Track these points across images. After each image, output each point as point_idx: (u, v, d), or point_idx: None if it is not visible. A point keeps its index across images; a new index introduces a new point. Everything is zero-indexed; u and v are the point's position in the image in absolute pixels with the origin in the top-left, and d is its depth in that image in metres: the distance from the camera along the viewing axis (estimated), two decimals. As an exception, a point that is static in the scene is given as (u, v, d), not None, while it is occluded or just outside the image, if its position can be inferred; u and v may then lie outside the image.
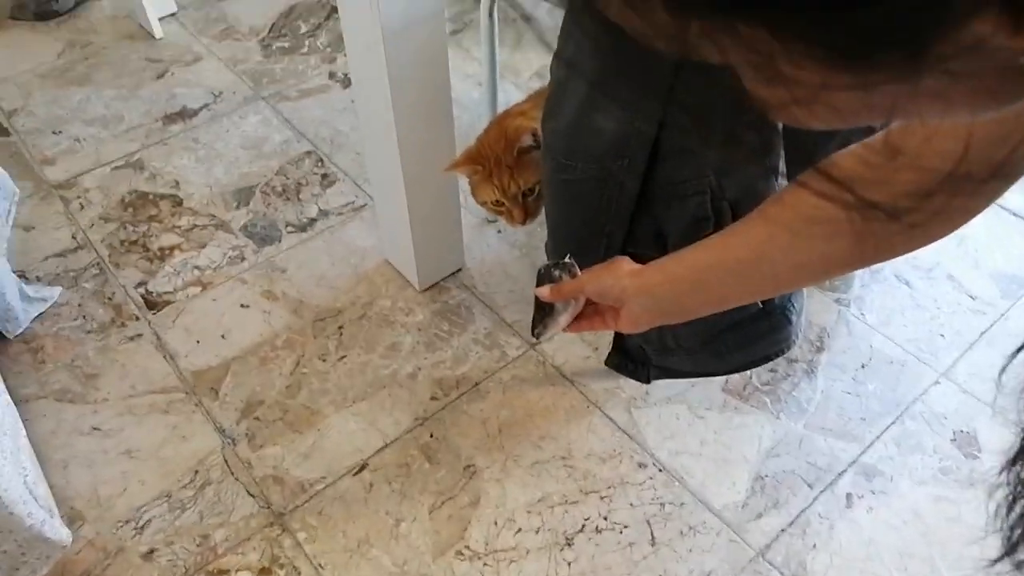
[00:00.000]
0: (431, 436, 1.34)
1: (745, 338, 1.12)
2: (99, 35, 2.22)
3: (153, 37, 2.20)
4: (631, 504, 1.25)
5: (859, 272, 1.58)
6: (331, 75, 2.07)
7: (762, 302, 1.09)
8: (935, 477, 1.29)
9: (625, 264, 0.92)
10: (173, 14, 2.27)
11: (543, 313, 1.02)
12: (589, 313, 1.02)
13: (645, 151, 1.04)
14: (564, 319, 1.01)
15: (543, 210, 1.28)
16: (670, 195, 1.06)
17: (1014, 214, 1.69)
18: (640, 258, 0.92)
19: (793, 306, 1.11)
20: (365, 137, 1.46)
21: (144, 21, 2.20)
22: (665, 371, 1.25)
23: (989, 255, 1.61)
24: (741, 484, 1.28)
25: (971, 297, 1.54)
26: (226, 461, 1.31)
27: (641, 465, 1.30)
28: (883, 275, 1.58)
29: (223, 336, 1.49)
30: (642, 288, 0.88)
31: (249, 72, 2.08)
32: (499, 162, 1.27)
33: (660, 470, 1.29)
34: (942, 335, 1.48)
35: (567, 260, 1.02)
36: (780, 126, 0.99)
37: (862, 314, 1.51)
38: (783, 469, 1.29)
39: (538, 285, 1.01)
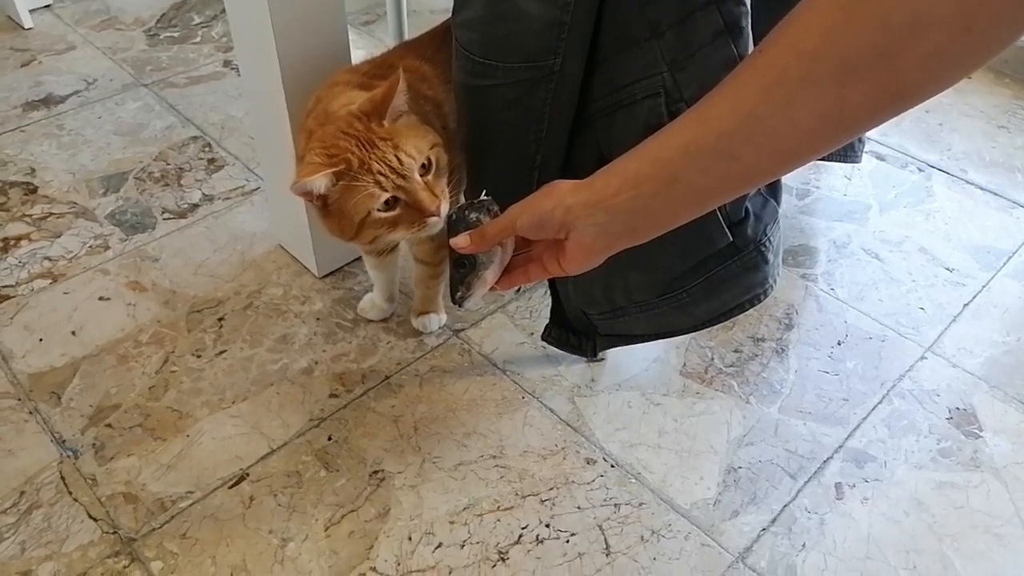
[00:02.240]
0: (329, 439, 1.08)
1: (712, 283, 0.91)
2: (-42, 26, 1.95)
3: (22, 28, 1.94)
4: (579, 507, 1.01)
5: (824, 247, 1.41)
6: (226, 63, 1.85)
7: (733, 235, 0.88)
8: (934, 460, 1.08)
9: (562, 183, 0.71)
10: (47, 6, 2.03)
11: (464, 270, 0.79)
12: (520, 262, 0.80)
13: (582, 45, 0.83)
14: (491, 274, 0.78)
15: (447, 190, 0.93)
16: (614, 104, 0.86)
17: (982, 188, 1.54)
18: None
19: (769, 241, 0.90)
20: (253, 114, 1.24)
21: (12, 12, 1.95)
22: (616, 338, 1.03)
23: (961, 228, 1.45)
24: (711, 478, 1.05)
25: (948, 270, 1.37)
26: (63, 478, 1.02)
27: (589, 461, 1.06)
28: (850, 249, 1.40)
29: (73, 333, 1.21)
30: (594, 202, 0.66)
31: (131, 60, 1.84)
32: (369, 143, 0.86)
33: (612, 466, 1.06)
34: (922, 308, 1.30)
35: (484, 198, 0.79)
36: (748, 0, 0.80)
37: (832, 289, 1.32)
38: (759, 459, 1.07)
39: (451, 235, 0.78)
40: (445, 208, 0.90)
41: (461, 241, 0.76)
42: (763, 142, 0.58)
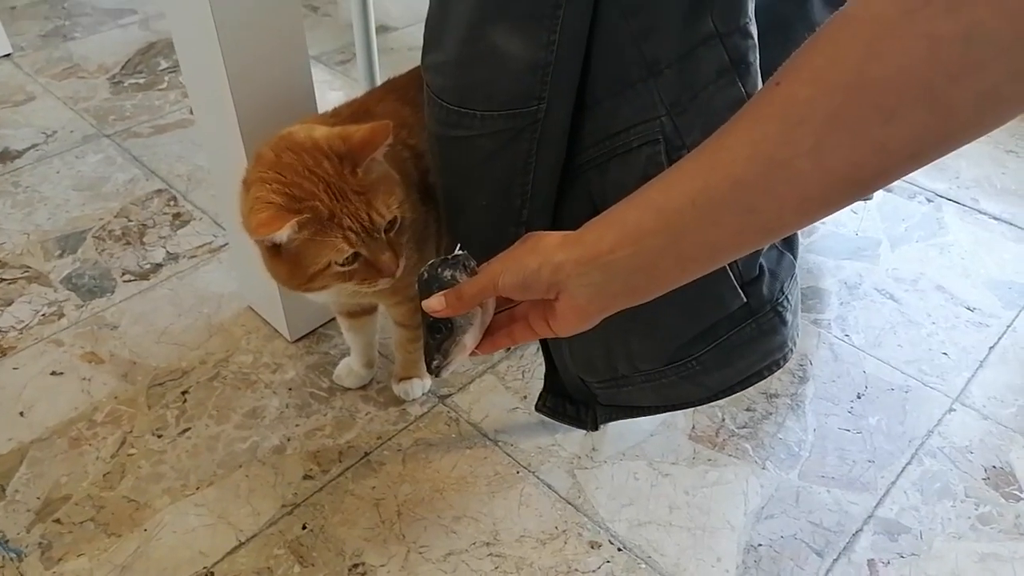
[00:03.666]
0: (304, 528, 0.97)
1: (725, 350, 0.81)
2: (-89, 79, 1.86)
3: (-21, 79, 1.85)
4: (584, 600, 0.90)
5: (834, 288, 1.31)
6: (193, 111, 1.75)
7: (746, 296, 0.78)
8: (974, 528, 0.98)
9: (548, 236, 0.61)
10: (7, 55, 1.94)
11: (440, 335, 0.68)
12: (504, 321, 0.70)
13: (569, 88, 0.74)
14: (471, 338, 0.68)
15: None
16: (607, 153, 0.77)
17: (995, 218, 1.46)
18: None
19: (787, 300, 0.81)
20: (214, 167, 1.15)
21: (-32, 63, 1.86)
22: (618, 410, 0.92)
23: (978, 262, 1.36)
24: (729, 559, 0.94)
25: (969, 309, 1.28)
26: (4, 586, 0.91)
27: (593, 544, 0.95)
28: (863, 290, 1.31)
29: (22, 414, 1.10)
30: (587, 260, 0.57)
31: (92, 109, 1.74)
32: (341, 194, 0.76)
33: (619, 549, 0.95)
34: (945, 353, 1.20)
35: (459, 252, 0.69)
36: (754, 31, 0.71)
37: (846, 335, 1.23)
38: (781, 534, 0.97)
39: (423, 295, 0.68)
40: (402, 266, 0.82)
41: (435, 303, 0.66)
42: (785, 192, 0.48)
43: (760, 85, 0.72)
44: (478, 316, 0.68)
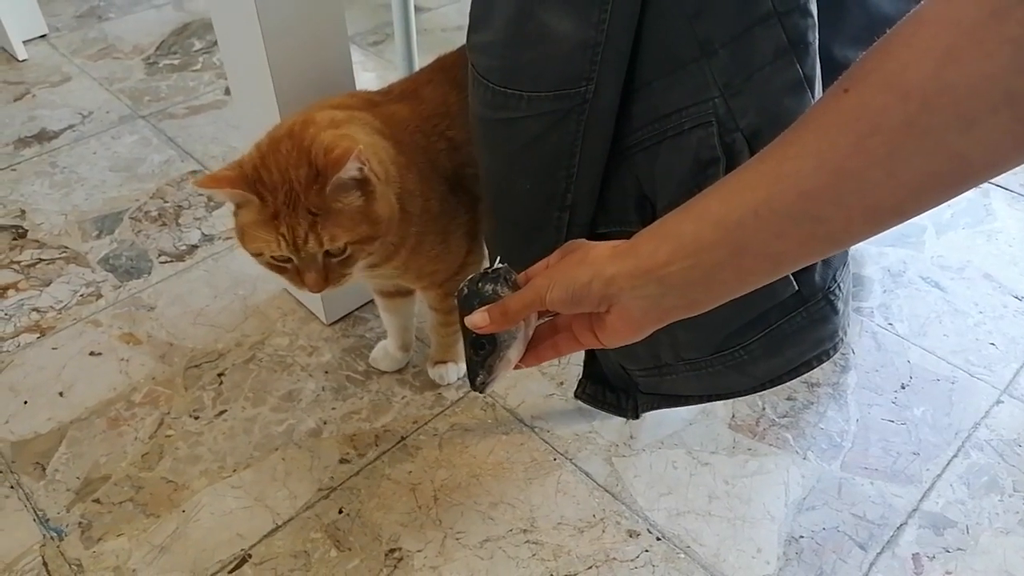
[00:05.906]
0: (340, 512, 0.97)
1: (774, 339, 0.79)
2: (-51, 59, 1.87)
3: (16, 59, 1.86)
4: (623, 589, 0.89)
5: (878, 276, 1.28)
6: (228, 91, 1.75)
7: (798, 284, 0.76)
8: (1023, 523, 0.96)
9: (598, 247, 0.59)
10: (43, 36, 1.94)
11: (483, 351, 0.66)
12: (546, 333, 0.68)
13: (619, 68, 0.72)
14: (515, 353, 0.66)
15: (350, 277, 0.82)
16: (657, 135, 0.75)
17: (1044, 204, 1.42)
18: (614, 238, 0.60)
19: (839, 288, 0.78)
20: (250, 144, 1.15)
21: (5, 43, 1.87)
22: (661, 398, 0.91)
23: (1026, 250, 1.33)
24: (769, 550, 0.93)
25: (1017, 298, 1.24)
26: (45, 564, 0.92)
27: (632, 533, 0.94)
28: (907, 278, 1.28)
29: (61, 394, 1.11)
30: (642, 272, 0.55)
31: (128, 90, 1.74)
32: (294, 199, 0.75)
33: (658, 539, 0.94)
34: (993, 344, 1.17)
35: (500, 266, 0.66)
36: (814, 10, 0.69)
37: (890, 324, 1.20)
38: (823, 526, 0.95)
39: (464, 311, 0.65)
40: (330, 291, 0.82)
41: (478, 320, 0.63)
42: (855, 202, 0.46)
43: (818, 66, 0.70)
44: (521, 330, 0.66)
